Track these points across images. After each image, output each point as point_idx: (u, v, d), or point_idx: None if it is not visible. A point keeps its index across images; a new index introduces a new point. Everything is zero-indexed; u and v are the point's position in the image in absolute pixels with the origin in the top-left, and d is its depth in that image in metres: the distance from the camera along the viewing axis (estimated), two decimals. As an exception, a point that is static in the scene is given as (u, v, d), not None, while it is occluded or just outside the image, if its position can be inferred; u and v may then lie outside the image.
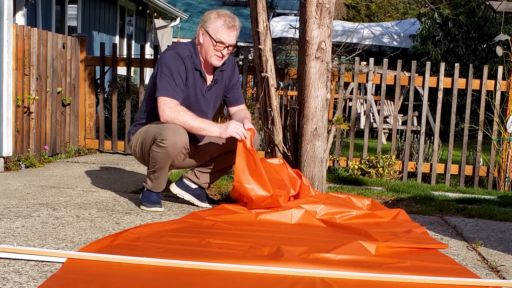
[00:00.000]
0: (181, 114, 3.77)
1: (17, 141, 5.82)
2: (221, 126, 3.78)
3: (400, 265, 2.87)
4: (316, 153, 4.44)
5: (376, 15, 27.51)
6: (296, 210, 3.81)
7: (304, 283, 2.51)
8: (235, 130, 3.75)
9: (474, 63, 13.64)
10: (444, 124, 10.97)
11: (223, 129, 3.77)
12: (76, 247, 2.92)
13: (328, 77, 4.43)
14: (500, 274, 2.90)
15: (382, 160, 6.50)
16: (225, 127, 3.76)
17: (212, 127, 3.79)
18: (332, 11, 4.39)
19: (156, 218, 3.73)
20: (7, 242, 2.94)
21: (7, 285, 2.31)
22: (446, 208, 4.65)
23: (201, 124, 3.79)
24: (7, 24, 5.38)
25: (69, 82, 6.94)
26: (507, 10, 6.68)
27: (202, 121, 3.81)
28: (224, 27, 3.86)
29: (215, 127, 3.79)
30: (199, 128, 3.79)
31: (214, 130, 3.79)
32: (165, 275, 2.53)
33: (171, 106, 3.78)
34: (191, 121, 3.77)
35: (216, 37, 3.85)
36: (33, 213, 3.65)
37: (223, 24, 3.86)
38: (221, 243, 3.06)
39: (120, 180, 5.24)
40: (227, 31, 3.86)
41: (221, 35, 3.85)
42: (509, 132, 6.54)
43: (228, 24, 3.87)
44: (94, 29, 12.05)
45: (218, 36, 3.85)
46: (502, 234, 3.88)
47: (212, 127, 3.79)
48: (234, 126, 3.76)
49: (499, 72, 6.65)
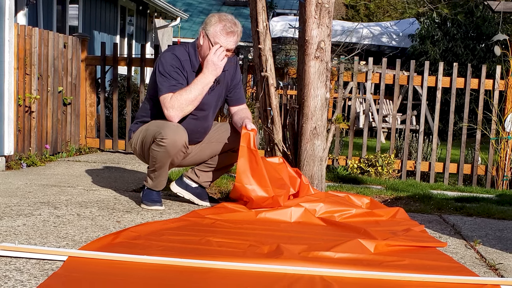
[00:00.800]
0: (178, 99, 3.80)
1: (18, 140, 5.82)
2: (209, 69, 3.82)
3: (399, 263, 2.87)
4: (315, 152, 4.44)
5: (375, 15, 27.51)
6: (295, 209, 3.81)
7: (303, 281, 2.51)
8: (220, 59, 3.82)
9: (472, 62, 13.63)
10: (442, 123, 10.97)
11: (212, 69, 3.82)
12: (77, 246, 2.92)
13: (327, 77, 4.43)
14: (498, 272, 2.90)
15: (381, 159, 6.50)
16: (213, 67, 3.81)
17: (207, 79, 3.84)
18: (331, 11, 4.39)
19: (157, 217, 3.73)
20: (9, 240, 2.94)
21: (8, 283, 2.31)
22: (444, 206, 4.64)
23: (198, 87, 3.82)
24: (8, 23, 5.37)
25: (70, 81, 6.94)
26: (505, 10, 6.67)
27: (195, 84, 3.83)
28: (223, 32, 3.85)
29: (208, 76, 3.84)
30: (200, 91, 3.83)
31: (210, 78, 3.85)
32: (165, 273, 2.53)
33: (168, 100, 3.81)
34: (189, 94, 3.81)
35: (214, 41, 3.84)
36: (35, 212, 3.65)
37: (222, 29, 3.85)
38: (221, 242, 3.05)
39: (121, 178, 5.24)
40: (225, 36, 3.85)
41: (219, 39, 3.84)
42: (507, 131, 6.54)
43: (227, 30, 3.85)
44: (95, 28, 12.05)
45: (216, 40, 3.84)
46: (500, 233, 3.88)
47: (207, 78, 3.84)
48: (215, 58, 3.81)
49: (497, 72, 6.65)
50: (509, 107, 6.56)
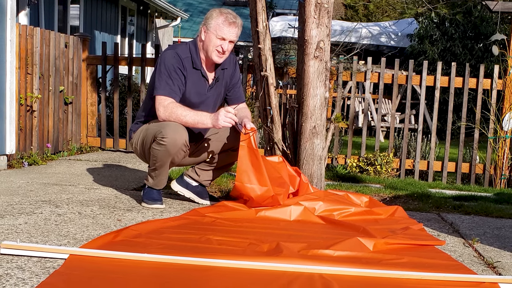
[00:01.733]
0: (174, 111, 3.79)
1: (20, 139, 5.82)
2: (213, 117, 3.78)
3: (397, 261, 2.87)
4: (315, 151, 4.44)
5: (374, 15, 27.50)
6: (295, 207, 3.81)
7: (303, 279, 2.51)
8: (226, 121, 3.75)
9: (470, 62, 13.63)
10: (441, 122, 10.97)
11: (215, 120, 3.77)
12: (78, 244, 2.92)
13: (326, 76, 4.43)
14: (496, 270, 2.90)
15: (380, 157, 6.50)
16: (216, 118, 3.76)
17: (205, 119, 3.80)
18: (330, 11, 4.39)
19: (157, 215, 3.73)
20: (10, 238, 2.94)
21: (10, 281, 2.31)
22: (443, 205, 4.64)
23: (195, 118, 3.80)
24: (10, 23, 5.37)
25: (71, 81, 6.93)
26: (503, 10, 6.66)
27: (195, 114, 3.82)
28: (225, 23, 3.87)
29: (208, 119, 3.80)
30: (193, 122, 3.81)
31: (207, 122, 3.80)
32: (166, 271, 2.53)
33: (165, 104, 3.80)
34: (184, 116, 3.79)
35: (217, 33, 3.86)
36: (36, 210, 3.65)
37: (224, 20, 3.87)
38: (221, 240, 3.05)
39: (122, 177, 5.24)
40: (228, 27, 3.88)
41: (222, 31, 3.87)
42: (505, 130, 6.54)
43: (229, 20, 3.88)
44: (96, 28, 12.04)
45: (219, 32, 3.86)
46: (498, 231, 3.88)
47: (206, 119, 3.80)
48: (223, 116, 3.75)
49: (495, 71, 6.65)
50: (507, 106, 6.55)
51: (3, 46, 5.33)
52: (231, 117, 3.76)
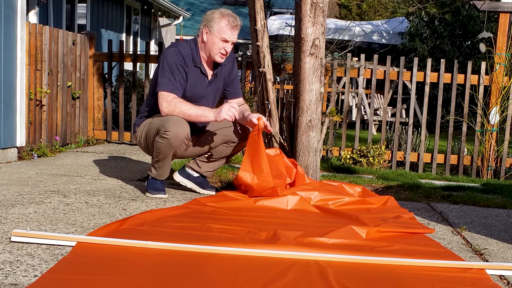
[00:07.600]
0: (178, 105, 3.78)
1: (29, 132, 5.81)
2: (216, 111, 3.80)
3: (389, 248, 2.87)
4: (310, 143, 4.43)
5: (366, 14, 27.43)
6: (292, 197, 3.80)
7: (299, 265, 2.50)
8: (228, 113, 3.75)
9: (459, 59, 13.59)
10: (430, 116, 10.96)
11: (217, 113, 3.78)
12: (85, 232, 2.91)
13: (321, 72, 4.42)
14: (483, 257, 2.90)
15: (373, 150, 6.49)
16: (219, 111, 3.77)
17: (207, 113, 3.81)
18: (325, 10, 4.37)
19: (161, 205, 3.72)
20: (21, 227, 2.93)
21: (20, 267, 2.30)
22: (432, 195, 4.64)
23: (197, 111, 3.80)
24: (20, 22, 5.35)
25: (78, 76, 6.92)
26: (490, 9, 6.64)
27: (198, 108, 3.82)
28: (228, 27, 3.86)
29: (210, 112, 3.81)
30: (196, 115, 3.80)
31: (210, 115, 3.80)
32: (168, 257, 2.53)
33: (169, 99, 3.79)
34: (187, 110, 3.78)
35: (221, 37, 3.86)
36: (45, 200, 3.64)
37: (227, 24, 3.86)
38: (221, 228, 3.05)
39: (127, 168, 5.23)
40: (231, 31, 3.88)
41: (225, 34, 3.86)
42: (492, 124, 6.53)
43: (232, 24, 3.87)
44: (102, 27, 12.00)
45: (223, 35, 3.86)
46: (485, 220, 3.88)
47: (208, 113, 3.81)
48: (226, 109, 3.76)
49: (482, 68, 6.64)
50: (494, 101, 6.55)
51: (13, 43, 5.31)
52: (233, 112, 3.76)
